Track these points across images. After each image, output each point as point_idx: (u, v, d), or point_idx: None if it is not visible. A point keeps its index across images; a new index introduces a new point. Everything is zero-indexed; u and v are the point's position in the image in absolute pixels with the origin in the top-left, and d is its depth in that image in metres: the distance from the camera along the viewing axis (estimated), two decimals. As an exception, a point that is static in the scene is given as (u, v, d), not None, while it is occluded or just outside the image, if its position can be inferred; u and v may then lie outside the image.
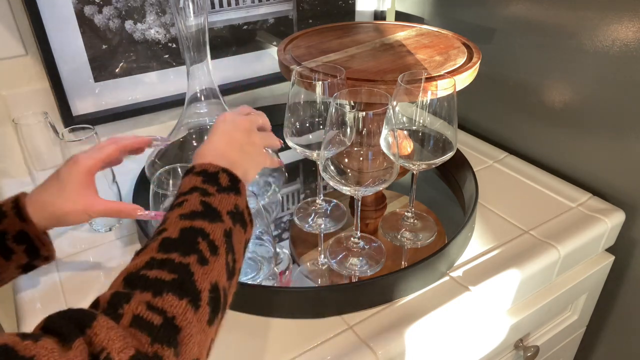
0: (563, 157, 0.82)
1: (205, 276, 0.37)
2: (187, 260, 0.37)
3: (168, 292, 0.34)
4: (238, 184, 0.45)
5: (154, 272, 0.35)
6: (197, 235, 0.39)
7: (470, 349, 0.64)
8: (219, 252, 0.39)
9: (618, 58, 0.69)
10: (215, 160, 0.46)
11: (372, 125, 0.53)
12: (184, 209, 0.41)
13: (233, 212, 0.43)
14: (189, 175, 0.45)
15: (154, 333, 0.32)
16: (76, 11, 0.76)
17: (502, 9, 0.84)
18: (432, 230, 0.70)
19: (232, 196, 0.44)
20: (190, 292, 0.35)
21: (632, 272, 0.78)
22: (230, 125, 0.51)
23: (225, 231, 0.41)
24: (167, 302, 0.33)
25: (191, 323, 0.34)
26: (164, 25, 0.84)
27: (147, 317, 0.32)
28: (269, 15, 0.94)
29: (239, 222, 0.43)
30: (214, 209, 0.42)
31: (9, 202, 0.50)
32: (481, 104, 0.93)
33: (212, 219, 0.41)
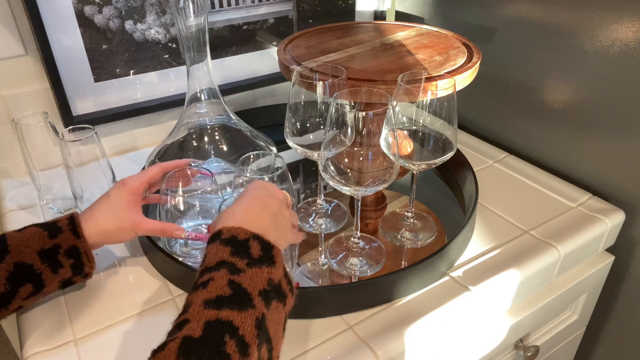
0: (563, 157, 0.82)
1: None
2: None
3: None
4: (272, 251, 0.43)
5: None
6: (225, 332, 0.35)
7: (470, 349, 0.64)
8: (249, 351, 0.35)
9: (618, 58, 0.69)
10: (245, 225, 0.43)
11: (372, 125, 0.53)
12: (210, 292, 0.38)
13: (266, 290, 0.40)
14: (215, 242, 0.42)
15: None
16: (76, 11, 0.76)
17: (502, 9, 0.84)
18: (432, 230, 0.70)
19: (265, 269, 0.41)
20: None
21: (632, 272, 0.78)
22: (265, 191, 0.50)
23: (257, 319, 0.37)
24: None
25: None
26: (164, 25, 0.84)
27: None
28: (269, 15, 0.94)
29: (275, 299, 0.40)
30: (244, 290, 0.38)
31: (64, 219, 0.53)
32: (481, 104, 0.93)
33: (242, 306, 0.37)
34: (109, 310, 0.57)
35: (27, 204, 0.76)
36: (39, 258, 0.51)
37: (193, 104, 0.73)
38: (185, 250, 0.65)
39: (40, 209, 0.75)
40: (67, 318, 0.56)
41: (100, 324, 0.56)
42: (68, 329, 0.55)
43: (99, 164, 0.67)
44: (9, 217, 0.73)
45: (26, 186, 0.79)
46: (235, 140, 0.76)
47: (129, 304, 0.58)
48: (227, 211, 0.46)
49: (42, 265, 0.51)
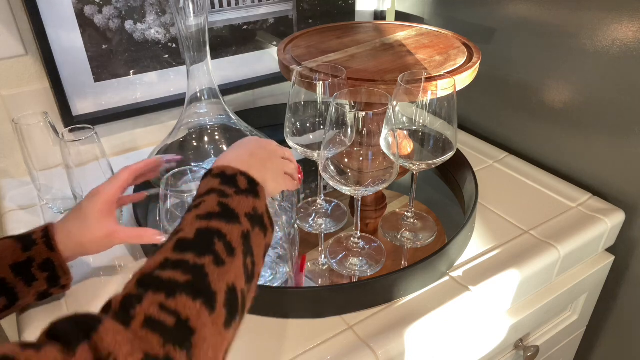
0: (563, 157, 0.82)
1: (221, 277, 0.36)
2: (202, 261, 0.36)
3: (182, 293, 0.33)
4: (257, 187, 0.45)
5: (168, 272, 0.34)
6: (214, 236, 0.38)
7: (470, 349, 0.64)
8: (235, 253, 0.38)
9: (618, 58, 0.69)
10: (234, 164, 0.46)
11: (372, 125, 0.53)
12: (201, 210, 0.41)
13: (251, 214, 0.42)
14: (207, 177, 0.45)
15: (166, 334, 0.31)
16: (76, 11, 0.76)
17: (502, 9, 0.84)
18: (432, 230, 0.70)
19: (251, 199, 0.43)
20: (204, 294, 0.34)
21: (632, 272, 0.78)
22: (255, 143, 0.51)
23: (242, 233, 0.40)
24: (181, 303, 0.32)
25: (206, 325, 0.33)
26: (164, 25, 0.84)
27: (159, 318, 0.31)
28: (269, 15, 0.94)
29: (258, 225, 0.43)
30: (232, 210, 0.41)
31: (39, 232, 0.53)
32: (481, 104, 0.93)
33: (229, 220, 0.40)
34: (109, 310, 0.57)
35: (27, 204, 0.76)
36: (12, 272, 0.50)
37: (193, 104, 0.73)
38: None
39: (40, 209, 0.75)
40: (67, 318, 0.56)
41: (100, 324, 0.55)
42: (68, 329, 0.55)
43: (99, 164, 0.67)
44: (9, 217, 0.73)
45: (26, 186, 0.79)
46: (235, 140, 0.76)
47: (129, 304, 0.58)
48: (217, 159, 0.48)
49: (15, 279, 0.50)
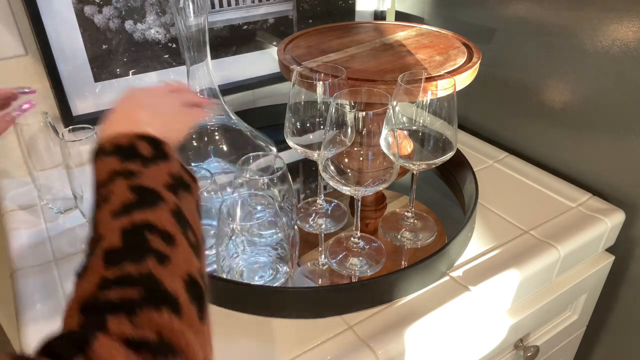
0: (563, 157, 0.82)
1: (174, 274, 0.32)
2: (146, 268, 0.31)
3: (142, 308, 0.29)
4: (162, 146, 0.40)
5: (114, 292, 0.30)
6: (144, 231, 0.33)
7: (470, 349, 0.64)
8: (175, 240, 0.34)
9: (618, 58, 0.69)
10: (124, 128, 0.40)
11: (372, 125, 0.53)
12: (113, 203, 0.35)
13: (170, 183, 0.38)
14: (100, 156, 0.38)
15: (153, 349, 0.28)
16: (76, 11, 0.76)
17: (502, 9, 0.84)
18: (432, 230, 0.70)
19: (162, 164, 0.38)
20: (166, 301, 0.30)
21: (632, 272, 0.78)
22: (137, 92, 0.46)
23: (172, 211, 0.36)
24: (146, 320, 0.29)
25: (181, 332, 0.30)
26: (164, 25, 0.84)
27: (138, 335, 0.28)
28: (269, 15, 0.94)
29: (181, 189, 0.38)
30: (149, 190, 0.36)
31: None
32: (481, 104, 0.93)
33: (151, 205, 0.35)
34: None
35: (27, 204, 0.76)
36: None
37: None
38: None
39: (40, 209, 0.75)
40: (67, 318, 0.56)
41: (100, 324, 0.55)
42: (68, 329, 0.55)
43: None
44: (9, 217, 0.73)
45: (26, 186, 0.79)
46: (235, 140, 0.76)
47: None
48: (102, 124, 0.42)
49: None
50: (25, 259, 0.65)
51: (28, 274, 0.63)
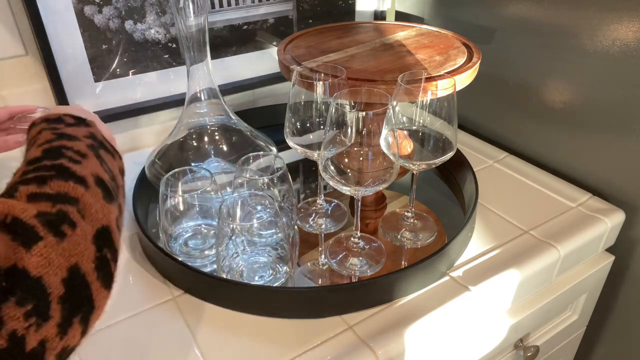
0: (563, 157, 0.82)
1: (83, 169, 0.37)
2: (59, 162, 0.37)
3: (52, 180, 0.34)
4: (85, 120, 0.45)
5: (31, 175, 0.35)
6: (61, 148, 0.39)
7: (470, 349, 0.64)
8: (87, 156, 0.39)
9: (618, 58, 0.69)
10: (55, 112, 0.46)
11: (372, 125, 0.53)
12: (38, 142, 0.40)
13: (90, 136, 0.43)
14: (32, 128, 0.44)
15: (52, 198, 0.32)
16: (76, 11, 0.76)
17: (502, 9, 0.84)
18: (432, 230, 0.70)
19: (84, 128, 0.44)
20: (74, 178, 0.35)
21: (632, 272, 0.78)
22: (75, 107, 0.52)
23: (87, 145, 0.41)
24: (55, 185, 0.34)
25: (85, 195, 0.34)
26: (164, 25, 0.84)
27: (41, 191, 0.33)
28: (269, 15, 0.94)
29: (102, 148, 0.43)
30: (69, 135, 0.42)
31: None
32: (481, 104, 0.93)
33: (70, 139, 0.41)
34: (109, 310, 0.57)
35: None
36: None
37: (193, 104, 0.73)
38: (185, 250, 0.65)
39: (40, 209, 0.74)
40: (67, 318, 0.56)
41: (100, 324, 0.55)
42: (68, 329, 0.55)
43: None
44: (9, 217, 0.73)
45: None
46: (235, 140, 0.76)
47: (129, 304, 0.58)
48: None
49: None
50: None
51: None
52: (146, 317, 0.56)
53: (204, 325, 0.55)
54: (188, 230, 0.66)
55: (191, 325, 0.55)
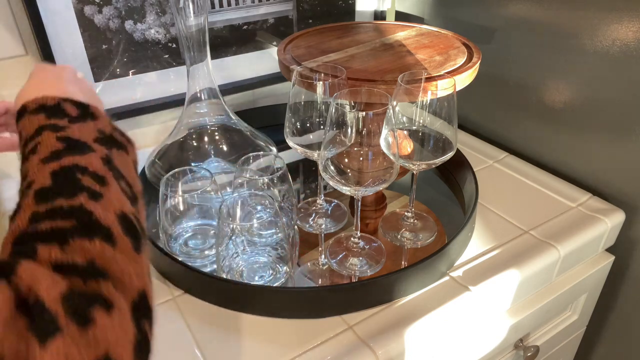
0: (563, 157, 0.82)
1: (107, 209, 0.31)
2: (78, 201, 0.30)
3: (74, 237, 0.28)
4: (88, 108, 0.39)
5: (45, 224, 0.29)
6: (74, 172, 0.32)
7: (470, 349, 0.64)
8: (107, 181, 0.33)
9: (618, 58, 0.69)
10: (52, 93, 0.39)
11: (372, 125, 0.53)
12: (42, 152, 0.34)
13: (100, 137, 0.37)
14: (24, 117, 0.38)
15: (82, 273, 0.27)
16: (76, 11, 0.76)
17: (502, 9, 0.84)
18: (432, 230, 0.70)
19: (90, 122, 0.38)
20: (98, 231, 0.29)
21: (632, 272, 0.78)
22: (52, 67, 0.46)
23: (102, 158, 0.35)
24: (78, 248, 0.28)
25: (116, 257, 0.29)
26: (164, 25, 0.84)
27: (67, 259, 0.27)
28: (269, 15, 0.94)
29: (114, 147, 0.37)
30: (76, 140, 0.35)
31: None
32: (481, 104, 0.93)
33: (81, 152, 0.34)
34: (109, 310, 0.57)
35: (27, 204, 0.76)
36: None
37: (193, 104, 0.73)
38: (185, 250, 0.65)
39: (40, 209, 0.74)
40: (67, 318, 0.56)
41: (100, 324, 0.55)
42: (68, 329, 0.55)
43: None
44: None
45: (26, 186, 0.79)
46: (235, 140, 0.76)
47: (129, 304, 0.58)
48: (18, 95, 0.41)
49: None
50: (25, 259, 0.65)
51: None
52: (146, 317, 0.56)
53: (204, 325, 0.55)
54: (188, 230, 0.66)
55: (191, 325, 0.55)
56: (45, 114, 0.37)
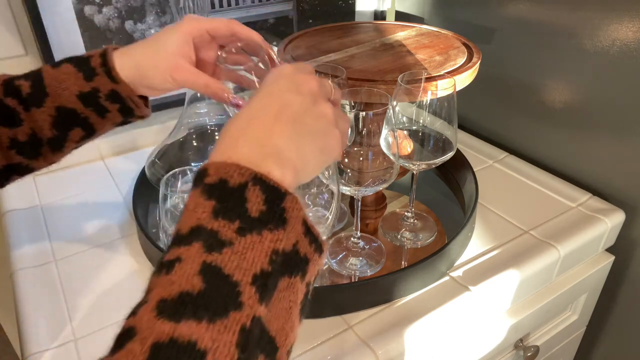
0: (563, 157, 0.82)
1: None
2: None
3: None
4: (283, 202, 0.28)
5: None
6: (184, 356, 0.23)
7: (470, 349, 0.64)
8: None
9: (618, 58, 0.69)
10: (245, 154, 0.29)
11: (372, 125, 0.53)
12: (172, 283, 0.25)
13: (267, 273, 0.26)
14: (197, 188, 0.28)
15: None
16: (76, 11, 0.76)
17: (502, 9, 0.84)
18: (432, 230, 0.70)
19: (267, 236, 0.27)
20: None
21: (632, 272, 0.78)
22: (286, 83, 0.33)
23: (243, 331, 0.24)
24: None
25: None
26: (164, 25, 0.84)
27: None
28: (269, 15, 0.94)
29: (286, 275, 0.27)
30: (226, 280, 0.25)
31: (97, 56, 0.47)
32: (481, 104, 0.93)
33: (217, 312, 0.24)
34: (109, 310, 0.57)
35: (27, 204, 0.76)
36: (81, 102, 0.46)
37: (193, 104, 0.73)
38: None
39: (40, 209, 0.75)
40: (67, 318, 0.56)
41: (100, 324, 0.56)
42: (68, 329, 0.55)
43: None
44: (9, 217, 0.73)
45: (26, 186, 0.79)
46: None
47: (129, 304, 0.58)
48: (226, 127, 0.31)
49: (86, 110, 0.47)
50: (25, 259, 0.65)
51: (28, 274, 0.63)
52: (146, 317, 0.56)
53: (204, 325, 0.55)
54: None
55: (191, 325, 0.55)
56: (216, 203, 0.27)
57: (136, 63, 0.48)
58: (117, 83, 0.47)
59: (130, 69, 0.48)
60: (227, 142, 0.30)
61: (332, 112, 0.34)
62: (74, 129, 0.48)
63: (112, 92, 0.47)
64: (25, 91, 0.46)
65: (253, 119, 0.31)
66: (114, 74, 0.47)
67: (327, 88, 0.36)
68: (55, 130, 0.47)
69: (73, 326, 0.55)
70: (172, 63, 0.47)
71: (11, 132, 0.46)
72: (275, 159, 0.29)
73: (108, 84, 0.47)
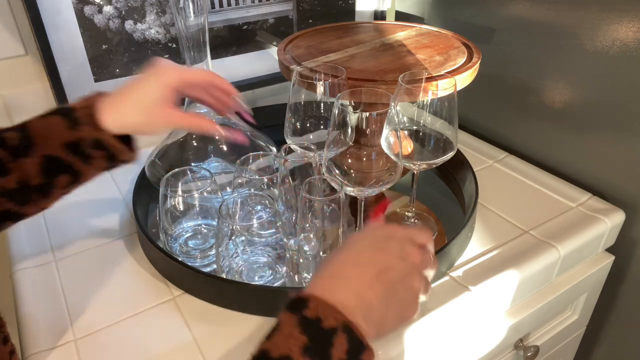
0: (563, 157, 0.82)
1: None
2: None
3: None
4: (362, 353, 0.32)
5: None
6: None
7: (470, 349, 0.64)
8: None
9: (618, 58, 0.69)
10: (344, 299, 0.32)
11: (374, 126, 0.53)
12: None
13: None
14: (294, 315, 0.32)
15: None
16: (76, 11, 0.76)
17: (502, 9, 0.84)
18: (432, 230, 0.70)
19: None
20: None
21: (632, 272, 0.78)
22: (398, 247, 0.37)
23: None
24: None
25: None
26: (164, 25, 0.84)
27: None
28: (269, 15, 0.94)
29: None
30: None
31: (82, 108, 0.49)
32: (481, 104, 0.93)
33: None
34: (109, 310, 0.57)
35: (27, 204, 0.76)
36: (66, 151, 0.48)
37: (193, 104, 0.73)
38: (185, 250, 0.65)
39: (40, 209, 0.74)
40: (67, 318, 0.56)
41: (100, 324, 0.56)
42: (68, 329, 0.55)
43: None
44: (9, 217, 0.73)
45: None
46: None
47: (129, 304, 0.58)
48: (326, 267, 0.35)
49: (72, 158, 0.48)
50: (25, 259, 0.65)
51: (28, 274, 0.63)
52: (146, 317, 0.56)
53: (204, 325, 0.55)
54: (188, 230, 0.66)
55: (191, 325, 0.55)
56: (307, 341, 0.31)
57: (127, 122, 0.51)
58: (100, 131, 0.49)
59: (122, 127, 0.51)
60: (330, 280, 0.34)
61: (419, 284, 0.38)
62: (60, 175, 0.49)
63: (96, 141, 0.49)
64: (13, 143, 0.48)
65: (358, 268, 0.35)
66: (98, 123, 0.49)
67: (427, 263, 0.39)
68: (42, 177, 0.48)
69: (73, 326, 0.55)
70: (163, 117, 0.52)
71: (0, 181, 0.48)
72: (364, 313, 0.33)
73: (92, 132, 0.49)
